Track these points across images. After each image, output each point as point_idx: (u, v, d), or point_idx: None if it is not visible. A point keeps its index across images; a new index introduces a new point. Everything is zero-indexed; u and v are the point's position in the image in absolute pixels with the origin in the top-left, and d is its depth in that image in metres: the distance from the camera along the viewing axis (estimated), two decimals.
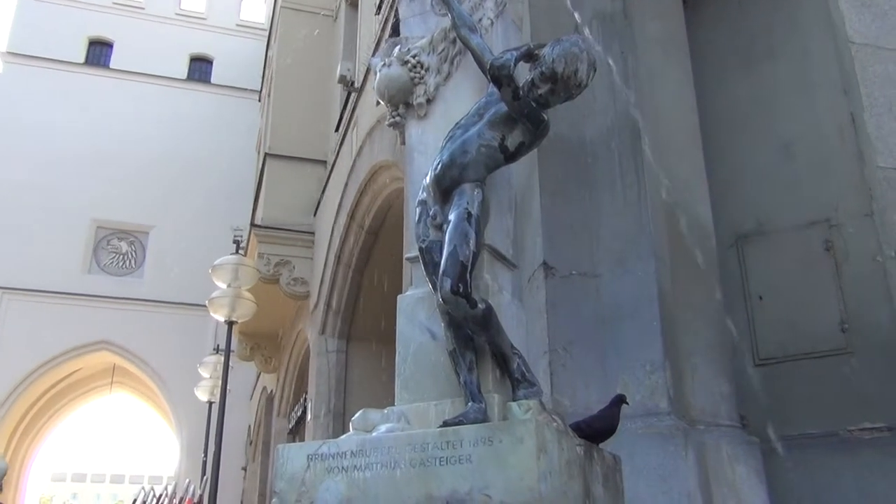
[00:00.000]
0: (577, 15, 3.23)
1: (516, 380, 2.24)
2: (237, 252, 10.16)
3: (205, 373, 14.24)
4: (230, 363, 9.60)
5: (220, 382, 9.70)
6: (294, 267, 10.48)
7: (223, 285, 9.59)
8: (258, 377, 15.72)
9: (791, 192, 3.58)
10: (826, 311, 3.34)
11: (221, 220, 16.16)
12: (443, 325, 2.26)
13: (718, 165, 3.68)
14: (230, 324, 9.75)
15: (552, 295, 3.06)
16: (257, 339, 12.92)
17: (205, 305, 10.04)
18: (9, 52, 21.47)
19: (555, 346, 2.98)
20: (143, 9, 23.15)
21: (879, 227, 3.31)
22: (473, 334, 2.19)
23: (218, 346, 13.97)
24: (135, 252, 20.58)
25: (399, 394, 2.33)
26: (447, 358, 2.25)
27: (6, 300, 18.77)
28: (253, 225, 10.95)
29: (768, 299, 3.50)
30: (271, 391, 13.92)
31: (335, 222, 9.15)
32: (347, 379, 9.37)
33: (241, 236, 10.66)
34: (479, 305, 2.13)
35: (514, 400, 2.20)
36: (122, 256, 20.48)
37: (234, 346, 10.62)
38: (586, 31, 3.29)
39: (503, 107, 2.36)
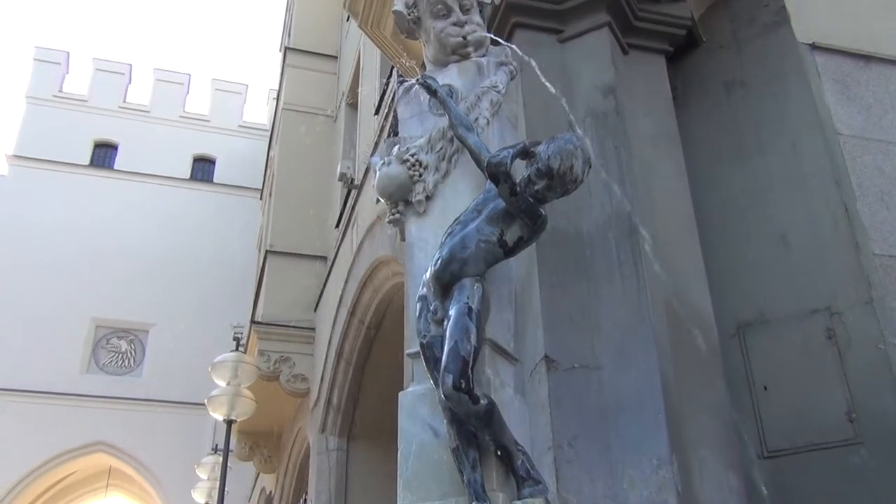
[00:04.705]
0: (570, 113, 3.32)
1: (521, 477, 2.20)
2: (237, 349, 10.10)
3: (202, 474, 13.94)
4: (228, 463, 9.41)
5: (217, 484, 9.48)
6: (294, 364, 10.40)
7: (223, 383, 9.50)
8: (256, 477, 15.35)
9: (790, 281, 3.60)
10: (832, 400, 3.30)
11: (222, 318, 16.12)
12: (445, 421, 2.23)
13: (716, 255, 3.71)
14: (229, 423, 9.60)
15: (555, 388, 3.03)
16: (257, 438, 12.69)
17: (204, 404, 9.91)
18: (15, 155, 21.91)
19: (559, 441, 2.93)
20: (148, 112, 23.75)
21: (880, 314, 3.31)
22: (476, 431, 2.16)
23: (216, 445, 13.71)
24: (134, 351, 20.45)
25: (401, 494, 2.28)
26: (450, 456, 2.21)
27: (2, 402, 18.53)
28: (253, 322, 10.93)
29: (773, 389, 3.46)
30: (270, 492, 13.58)
31: (336, 318, 9.13)
32: (348, 478, 9.16)
33: (242, 333, 10.62)
34: (482, 401, 2.11)
35: (519, 499, 2.15)
36: (121, 355, 20.33)
37: (232, 445, 10.43)
38: (580, 129, 3.37)
39: (501, 203, 2.41)
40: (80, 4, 64.25)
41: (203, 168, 23.59)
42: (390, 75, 8.01)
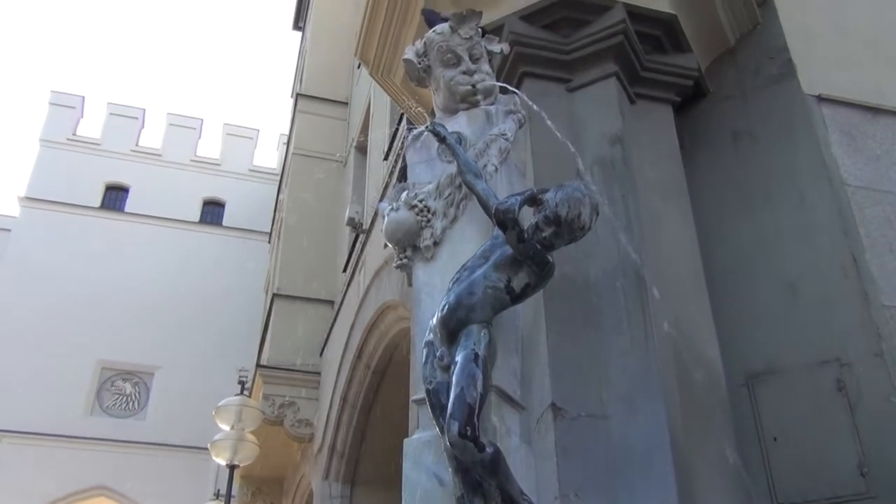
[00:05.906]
0: (578, 161, 3.34)
1: None
2: (242, 393, 10.06)
3: None
4: None
5: None
6: (299, 408, 10.34)
7: (226, 427, 9.44)
8: None
9: (799, 332, 3.57)
10: (843, 453, 3.24)
11: (228, 361, 16.09)
12: (450, 469, 2.20)
13: (724, 305, 3.69)
14: (232, 468, 9.51)
15: (561, 437, 3.00)
16: (259, 484, 12.55)
17: (207, 448, 9.83)
18: (27, 197, 22.12)
19: (566, 491, 2.89)
20: (159, 155, 24.02)
21: (891, 366, 3.27)
22: (482, 480, 2.14)
23: (219, 490, 13.54)
24: (139, 393, 20.35)
25: None
26: None
27: (4, 443, 18.42)
28: (259, 365, 10.89)
29: (783, 441, 3.41)
30: None
31: (341, 362, 9.10)
32: None
33: (247, 377, 10.58)
34: (488, 449, 2.09)
35: None
36: (125, 398, 20.23)
37: (234, 491, 10.32)
38: (587, 177, 3.39)
39: (508, 249, 2.41)
40: (95, 50, 65.54)
41: (213, 211, 23.75)
42: (400, 122, 8.10)
